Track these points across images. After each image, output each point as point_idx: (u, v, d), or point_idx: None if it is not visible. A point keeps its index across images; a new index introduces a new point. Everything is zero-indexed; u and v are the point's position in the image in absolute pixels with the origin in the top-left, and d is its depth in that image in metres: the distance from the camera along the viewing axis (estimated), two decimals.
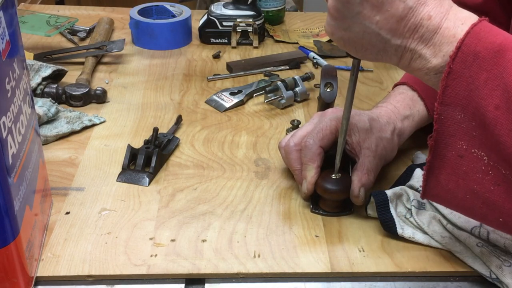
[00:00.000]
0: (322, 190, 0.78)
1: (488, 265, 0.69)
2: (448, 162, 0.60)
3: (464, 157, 0.59)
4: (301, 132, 0.82)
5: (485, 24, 0.58)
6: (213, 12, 1.30)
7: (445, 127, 0.59)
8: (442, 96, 0.58)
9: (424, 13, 0.59)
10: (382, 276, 0.71)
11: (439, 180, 0.62)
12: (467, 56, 0.57)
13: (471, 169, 0.59)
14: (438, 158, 0.60)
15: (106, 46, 1.20)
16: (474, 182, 0.59)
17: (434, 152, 0.60)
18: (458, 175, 0.60)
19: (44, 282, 0.69)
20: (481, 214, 0.61)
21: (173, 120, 0.99)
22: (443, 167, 0.61)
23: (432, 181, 0.62)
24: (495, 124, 0.55)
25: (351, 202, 0.79)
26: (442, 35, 0.59)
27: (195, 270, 0.70)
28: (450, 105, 0.58)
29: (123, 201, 0.81)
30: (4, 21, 0.61)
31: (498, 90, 0.55)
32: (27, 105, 0.68)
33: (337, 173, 0.78)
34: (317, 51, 1.27)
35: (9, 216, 0.60)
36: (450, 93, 0.58)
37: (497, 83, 0.55)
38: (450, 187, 0.61)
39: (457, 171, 0.60)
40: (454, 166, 0.60)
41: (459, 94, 0.57)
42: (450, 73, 0.57)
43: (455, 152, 0.59)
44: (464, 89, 0.57)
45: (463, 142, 0.59)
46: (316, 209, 0.80)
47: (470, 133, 0.58)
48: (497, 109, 0.55)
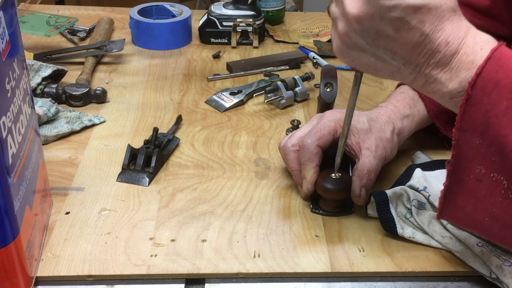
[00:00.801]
0: (322, 190, 0.78)
1: (488, 265, 0.69)
2: (466, 186, 0.60)
3: (483, 181, 0.58)
4: (299, 133, 0.82)
5: (505, 50, 0.57)
6: (213, 12, 1.30)
7: (463, 152, 0.58)
8: (460, 122, 0.57)
9: (441, 39, 0.57)
10: (382, 276, 0.71)
11: (456, 203, 0.61)
12: (487, 83, 0.55)
13: (490, 193, 0.58)
14: (456, 182, 0.60)
15: (106, 46, 1.20)
16: (493, 205, 0.59)
17: (452, 176, 0.60)
18: (476, 199, 0.59)
19: (44, 282, 0.69)
20: (499, 236, 0.61)
21: (173, 120, 0.99)
22: (460, 191, 0.60)
23: (449, 204, 0.62)
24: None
25: (351, 202, 0.79)
26: (459, 60, 0.57)
27: (195, 270, 0.70)
28: (468, 130, 0.57)
29: (123, 201, 0.81)
30: (4, 21, 0.61)
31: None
32: (27, 105, 0.68)
33: (337, 173, 0.78)
34: (317, 51, 1.27)
35: (9, 216, 0.60)
36: (468, 119, 0.57)
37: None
38: (468, 210, 0.61)
39: (475, 194, 0.59)
40: (473, 190, 0.59)
41: (477, 120, 0.56)
42: (469, 100, 0.56)
43: (473, 176, 0.59)
44: (483, 116, 0.56)
45: (481, 167, 0.58)
46: (316, 209, 0.80)
47: (489, 158, 0.57)
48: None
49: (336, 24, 0.61)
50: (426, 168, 0.82)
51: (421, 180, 0.79)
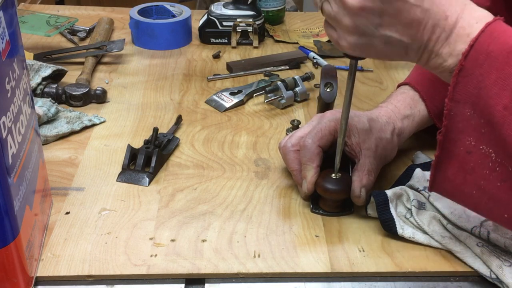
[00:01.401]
0: (322, 190, 0.78)
1: (488, 265, 0.69)
2: (456, 157, 0.61)
3: (472, 153, 0.60)
4: (299, 133, 0.83)
5: (500, 24, 0.59)
6: (213, 12, 1.30)
7: (454, 123, 0.60)
8: (452, 93, 0.59)
9: (440, 14, 0.59)
10: (382, 276, 0.71)
11: (446, 175, 0.62)
12: (479, 55, 0.57)
13: (478, 165, 0.60)
14: (447, 153, 0.61)
15: (106, 46, 1.20)
16: (481, 178, 0.60)
17: (442, 147, 0.61)
18: (465, 171, 0.61)
19: (44, 282, 0.69)
20: (486, 210, 0.62)
21: (173, 120, 0.99)
22: (451, 162, 0.61)
23: (440, 175, 0.63)
24: (503, 123, 0.56)
25: (351, 202, 0.79)
26: (457, 34, 0.59)
27: (195, 270, 0.70)
28: (460, 101, 0.59)
29: (123, 201, 0.81)
30: (4, 21, 0.61)
31: (507, 90, 0.56)
32: (27, 105, 0.68)
33: (337, 173, 0.78)
34: (317, 51, 1.27)
35: (9, 216, 0.60)
36: (461, 89, 0.58)
37: (506, 83, 0.56)
38: (457, 182, 0.62)
39: (464, 166, 0.61)
40: (462, 161, 0.61)
41: (469, 92, 0.58)
42: (462, 70, 0.58)
43: (464, 148, 0.60)
44: (474, 86, 0.58)
45: (471, 139, 0.59)
46: (316, 209, 0.80)
47: (479, 130, 0.58)
48: (505, 109, 0.56)
49: (339, 21, 0.62)
50: (426, 168, 0.82)
51: (421, 180, 0.79)
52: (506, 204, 0.60)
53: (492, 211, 0.62)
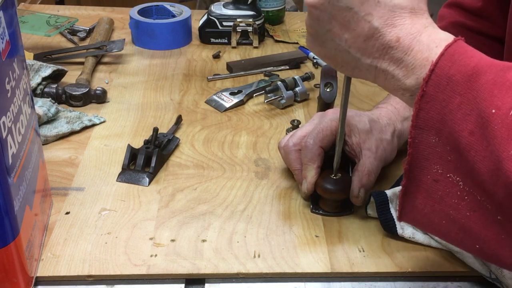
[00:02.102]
0: (322, 190, 0.78)
1: (488, 265, 0.69)
2: (423, 186, 0.58)
3: (439, 182, 0.57)
4: (300, 132, 0.82)
5: (460, 45, 0.56)
6: (213, 12, 1.30)
7: (419, 151, 0.57)
8: (416, 119, 0.56)
9: (392, 35, 0.57)
10: (382, 276, 0.71)
11: (415, 204, 0.60)
12: (441, 80, 0.55)
13: (446, 194, 0.57)
14: (413, 182, 0.59)
15: (106, 46, 1.20)
16: (449, 207, 0.57)
17: (409, 176, 0.59)
18: (434, 200, 0.58)
19: (44, 282, 0.69)
20: (457, 240, 0.60)
21: (173, 120, 0.99)
22: (418, 192, 0.59)
23: (408, 205, 0.60)
24: (469, 150, 0.53)
25: (351, 202, 0.80)
26: (414, 57, 0.57)
27: (195, 270, 0.70)
28: (424, 128, 0.56)
29: (123, 201, 0.81)
30: (4, 21, 0.61)
31: (472, 115, 0.53)
32: (27, 105, 0.68)
33: (337, 173, 0.78)
34: None
35: (9, 216, 0.60)
36: (424, 116, 0.56)
37: (470, 108, 0.53)
38: (426, 212, 0.59)
39: (432, 195, 0.58)
40: (430, 190, 0.58)
41: (433, 118, 0.56)
42: (424, 96, 0.55)
43: (430, 176, 0.57)
44: (438, 112, 0.55)
45: (438, 167, 0.57)
46: (316, 209, 0.80)
47: (445, 158, 0.56)
48: (471, 135, 0.53)
49: None
50: None
51: None
52: (476, 234, 0.56)
53: (463, 242, 0.59)
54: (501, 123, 0.51)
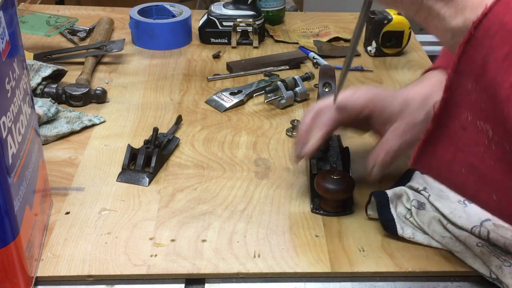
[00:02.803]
0: (323, 190, 0.78)
1: (488, 265, 0.69)
2: (449, 132, 0.57)
3: (467, 129, 0.56)
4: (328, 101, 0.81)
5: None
6: (213, 12, 1.30)
7: (454, 96, 0.56)
8: (457, 63, 0.54)
9: None
10: (382, 276, 0.71)
11: (435, 151, 0.59)
12: (492, 25, 0.52)
13: (473, 142, 0.56)
14: (440, 127, 0.57)
15: (106, 46, 1.20)
16: (473, 155, 0.56)
17: (437, 121, 0.57)
18: (457, 147, 0.57)
19: (44, 282, 0.69)
20: (473, 191, 0.59)
21: (173, 120, 0.99)
22: (442, 137, 0.58)
23: (428, 151, 0.59)
24: (508, 102, 0.52)
25: (351, 202, 0.80)
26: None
27: (195, 270, 0.70)
28: (463, 73, 0.54)
29: (123, 201, 0.81)
30: (4, 21, 0.61)
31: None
32: (27, 105, 0.68)
33: (338, 172, 0.78)
34: (317, 51, 1.27)
35: (9, 216, 0.60)
36: (466, 60, 0.54)
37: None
38: (446, 159, 0.58)
39: (457, 142, 0.57)
40: (455, 137, 0.57)
41: (475, 63, 0.53)
42: (470, 40, 0.53)
43: (459, 123, 0.56)
44: (481, 59, 0.53)
45: (468, 113, 0.55)
46: (316, 209, 0.80)
47: (479, 105, 0.54)
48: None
49: None
50: None
51: (421, 181, 0.79)
52: (497, 184, 0.56)
53: (479, 193, 0.58)
54: None
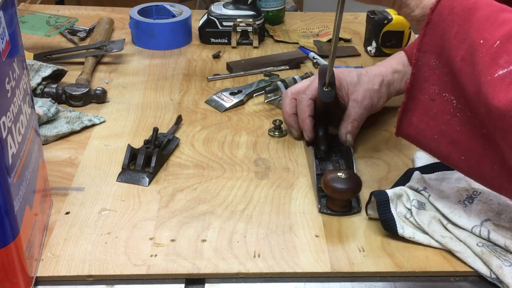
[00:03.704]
0: (331, 190, 0.77)
1: (488, 265, 0.69)
2: (421, 104, 0.67)
3: (435, 101, 0.66)
4: (299, 86, 0.95)
5: None
6: (213, 12, 1.30)
7: (421, 72, 0.66)
8: (420, 43, 0.65)
9: None
10: (382, 276, 0.71)
11: (411, 121, 0.68)
12: (444, 9, 0.64)
13: (441, 111, 0.66)
14: (413, 100, 0.67)
15: (106, 46, 1.20)
16: (442, 123, 0.66)
17: (409, 94, 0.67)
18: (429, 116, 0.67)
19: (44, 282, 0.69)
20: (446, 153, 0.68)
21: (173, 120, 0.99)
22: (416, 109, 0.67)
23: (405, 121, 0.69)
24: (460, 73, 0.62)
25: (358, 201, 0.80)
26: None
27: (195, 270, 0.70)
28: (427, 52, 0.65)
29: (123, 201, 0.81)
30: (4, 21, 0.61)
31: (464, 43, 0.62)
32: (27, 105, 0.68)
33: (345, 171, 0.78)
34: (317, 51, 1.27)
35: (9, 216, 0.60)
36: (427, 41, 0.65)
37: (464, 37, 0.62)
38: (421, 127, 0.68)
39: (428, 112, 0.66)
40: (426, 108, 0.66)
41: (434, 43, 0.65)
42: (429, 23, 0.65)
43: (428, 96, 0.66)
44: (439, 38, 0.64)
45: (435, 87, 0.65)
46: (324, 209, 0.79)
47: (443, 79, 0.65)
48: (462, 60, 0.62)
49: None
50: (425, 171, 0.82)
51: (421, 181, 0.79)
52: (464, 146, 0.65)
53: (451, 155, 0.67)
54: (485, 52, 0.60)
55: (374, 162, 0.91)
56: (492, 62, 0.59)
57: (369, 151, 0.94)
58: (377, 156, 0.92)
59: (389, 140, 0.96)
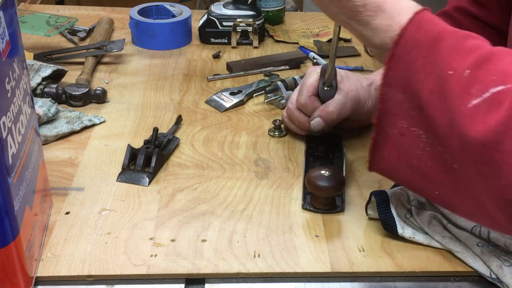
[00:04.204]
0: (313, 187, 0.78)
1: (488, 265, 0.69)
2: (390, 139, 0.65)
3: (404, 135, 0.63)
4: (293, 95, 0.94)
5: (427, 14, 0.63)
6: (213, 12, 1.30)
7: (388, 106, 0.63)
8: (385, 78, 0.63)
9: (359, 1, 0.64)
10: (382, 276, 0.71)
11: (382, 155, 0.66)
12: (408, 42, 0.61)
13: (411, 146, 0.63)
14: (382, 135, 0.65)
15: (106, 46, 1.20)
16: (413, 157, 0.63)
17: (378, 129, 0.65)
18: (399, 151, 0.64)
19: (44, 282, 0.69)
20: (419, 188, 0.66)
21: (173, 120, 0.99)
22: (386, 144, 0.65)
23: (377, 155, 0.66)
24: (429, 106, 0.60)
25: (343, 200, 0.80)
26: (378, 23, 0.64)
27: (195, 270, 0.70)
28: (392, 86, 0.62)
29: (123, 201, 0.81)
30: (4, 21, 0.61)
31: (432, 75, 0.60)
32: (27, 105, 0.68)
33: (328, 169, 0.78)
34: (317, 51, 1.27)
35: (9, 216, 0.60)
36: (392, 75, 0.62)
37: (432, 69, 0.60)
38: (393, 162, 0.66)
39: (398, 147, 0.64)
40: (396, 143, 0.64)
41: (400, 77, 0.62)
42: (393, 57, 0.62)
43: (397, 130, 0.64)
44: (404, 72, 0.61)
45: (404, 121, 0.63)
46: (307, 206, 0.80)
47: (410, 114, 0.62)
48: (431, 93, 0.59)
49: None
50: None
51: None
52: (436, 181, 0.63)
53: (424, 189, 0.66)
54: (456, 83, 0.58)
55: None
56: (464, 92, 0.57)
57: None
58: None
59: None
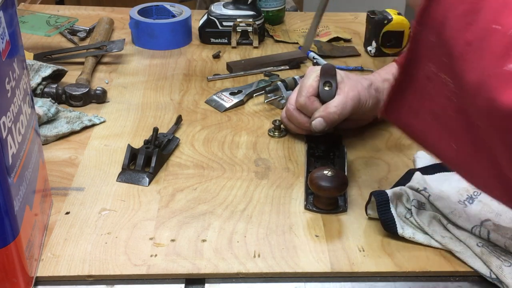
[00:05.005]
0: (316, 188, 0.78)
1: (488, 265, 0.69)
2: (416, 82, 0.60)
3: (431, 80, 0.59)
4: (293, 96, 0.94)
5: None
6: (213, 12, 1.30)
7: (419, 47, 0.59)
8: (421, 16, 0.58)
9: None
10: (382, 276, 0.71)
11: (403, 99, 0.62)
12: None
13: (436, 93, 0.59)
14: (408, 77, 0.61)
15: (106, 46, 1.20)
16: (437, 105, 0.59)
17: (404, 71, 0.61)
18: (423, 96, 0.60)
19: (44, 282, 0.69)
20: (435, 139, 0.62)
21: (173, 120, 0.99)
22: (410, 87, 0.61)
23: (398, 100, 0.62)
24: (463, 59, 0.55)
25: (345, 200, 0.80)
26: None
27: (195, 270, 0.70)
28: (427, 26, 0.58)
29: (123, 201, 0.81)
30: (4, 21, 0.61)
31: (473, 25, 0.54)
32: (27, 105, 0.68)
33: (331, 170, 0.78)
34: (317, 51, 1.27)
35: (9, 216, 0.60)
36: (429, 14, 0.57)
37: (474, 18, 0.54)
38: (414, 107, 0.61)
39: (423, 92, 0.60)
40: (421, 86, 0.60)
41: (436, 19, 0.57)
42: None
43: (424, 74, 0.59)
44: (442, 15, 0.56)
45: (432, 65, 0.59)
46: (309, 206, 0.80)
47: (440, 59, 0.57)
48: (467, 45, 0.54)
49: None
50: (426, 172, 0.82)
51: (421, 182, 0.79)
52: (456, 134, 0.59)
53: (441, 140, 0.61)
54: (499, 40, 0.52)
55: (374, 162, 0.91)
56: (505, 53, 0.51)
57: (369, 151, 0.94)
58: (377, 156, 0.92)
59: (389, 140, 0.96)
